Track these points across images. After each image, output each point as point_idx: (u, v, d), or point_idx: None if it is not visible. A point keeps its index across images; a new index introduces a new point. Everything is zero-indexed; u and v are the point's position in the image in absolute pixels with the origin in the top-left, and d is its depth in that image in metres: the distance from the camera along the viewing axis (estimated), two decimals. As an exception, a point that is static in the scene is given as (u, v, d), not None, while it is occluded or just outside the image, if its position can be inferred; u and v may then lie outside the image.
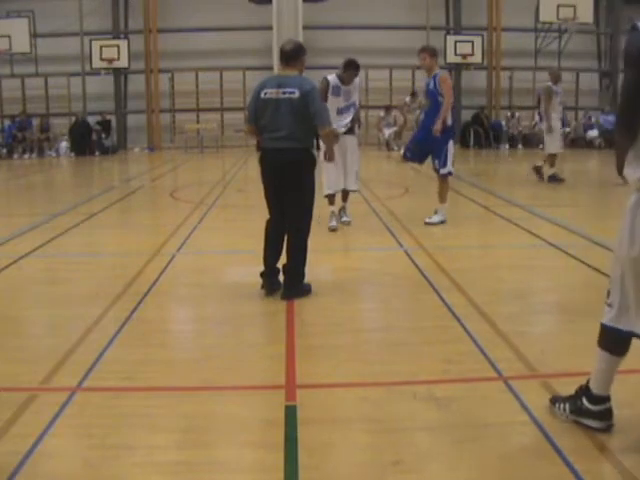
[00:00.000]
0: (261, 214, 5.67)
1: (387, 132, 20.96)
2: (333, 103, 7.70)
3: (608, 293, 3.02)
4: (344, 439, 3.13)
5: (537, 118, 21.91)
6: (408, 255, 6.67)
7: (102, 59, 22.03)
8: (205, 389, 3.72)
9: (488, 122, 22.01)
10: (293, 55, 5.37)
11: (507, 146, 21.72)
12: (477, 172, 15.76)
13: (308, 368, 3.93)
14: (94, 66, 22.08)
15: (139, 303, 5.18)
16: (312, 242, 5.56)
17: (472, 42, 22.58)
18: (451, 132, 8.37)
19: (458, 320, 4.69)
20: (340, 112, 7.87)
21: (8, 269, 6.34)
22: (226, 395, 3.66)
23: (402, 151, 8.79)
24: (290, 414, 3.32)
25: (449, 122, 8.17)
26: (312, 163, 5.42)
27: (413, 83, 22.89)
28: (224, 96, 22.79)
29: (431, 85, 8.26)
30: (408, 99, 21.34)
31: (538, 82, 22.64)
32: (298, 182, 5.28)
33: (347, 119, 7.96)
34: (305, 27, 21.37)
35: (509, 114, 22.22)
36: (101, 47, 21.98)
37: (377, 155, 19.97)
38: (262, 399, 3.62)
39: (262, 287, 5.40)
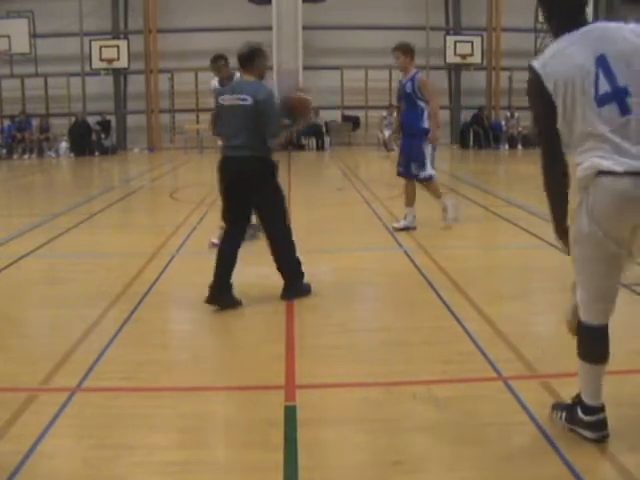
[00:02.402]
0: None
1: (387, 133, 20.97)
2: None
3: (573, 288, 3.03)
4: (344, 439, 3.13)
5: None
6: (408, 255, 6.67)
7: (102, 59, 22.04)
8: (205, 389, 3.72)
9: (488, 122, 22.02)
10: (247, 59, 5.11)
11: (507, 146, 21.73)
12: (477, 172, 15.76)
13: (308, 368, 3.93)
14: (94, 66, 22.09)
15: (139, 303, 5.18)
16: (311, 242, 5.56)
17: (472, 42, 22.59)
18: (420, 132, 7.74)
19: (458, 320, 4.69)
20: None
21: (8, 269, 6.34)
22: (226, 395, 3.66)
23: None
24: (290, 414, 3.32)
25: (426, 125, 7.72)
26: (271, 170, 5.16)
27: (413, 83, 22.90)
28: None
29: (408, 87, 7.70)
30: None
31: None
32: (261, 190, 5.05)
33: None
34: (305, 27, 21.37)
35: (508, 114, 22.22)
36: (101, 47, 21.99)
37: (377, 155, 19.98)
38: (262, 399, 3.62)
39: (205, 301, 5.06)
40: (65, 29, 21.55)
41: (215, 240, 7.24)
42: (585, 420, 2.99)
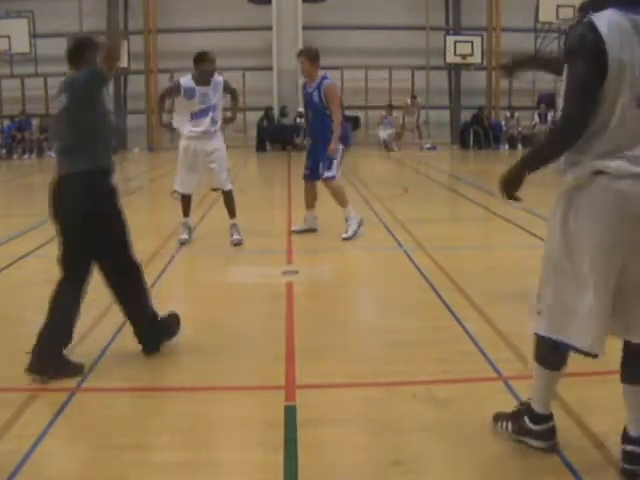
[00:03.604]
0: (262, 214, 5.66)
1: (385, 133, 20.96)
2: (186, 107, 7.03)
3: (538, 298, 2.85)
4: (344, 439, 3.13)
5: (537, 119, 21.98)
6: (408, 255, 6.67)
7: (102, 59, 22.04)
8: (205, 389, 3.72)
9: (488, 122, 22.02)
10: (74, 53, 4.10)
11: (507, 146, 21.73)
12: (477, 172, 15.76)
13: (308, 368, 3.93)
14: (94, 66, 22.09)
15: (139, 303, 5.17)
16: (311, 242, 5.55)
17: (472, 42, 22.61)
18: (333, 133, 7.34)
19: (458, 320, 4.69)
20: (195, 117, 7.05)
21: (8, 269, 6.34)
22: (226, 395, 3.66)
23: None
24: (290, 414, 3.32)
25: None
26: (102, 191, 4.05)
27: (413, 83, 22.95)
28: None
29: (315, 97, 7.31)
30: (409, 101, 21.46)
31: (538, 82, 22.69)
32: (89, 218, 3.99)
33: (204, 126, 7.09)
34: (305, 27, 21.41)
35: (508, 114, 22.23)
36: (101, 47, 21.99)
37: (377, 155, 19.98)
38: (262, 399, 3.62)
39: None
40: (65, 29, 21.53)
41: (237, 237, 7.23)
42: (534, 430, 2.93)
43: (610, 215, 2.63)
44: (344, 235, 7.42)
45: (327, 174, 7.52)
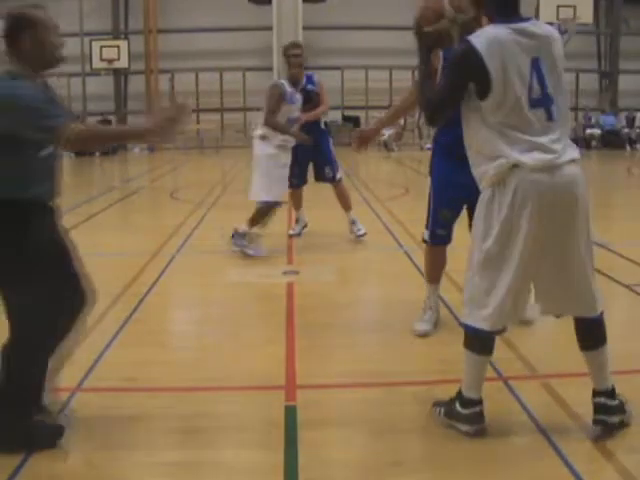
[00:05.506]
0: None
1: (386, 133, 20.97)
2: (286, 113, 6.50)
3: (465, 288, 3.09)
4: (344, 440, 3.13)
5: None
6: (408, 255, 6.66)
7: (102, 59, 22.07)
8: (205, 389, 3.72)
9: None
10: (5, 35, 2.97)
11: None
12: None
13: (308, 368, 3.93)
14: (94, 66, 22.11)
15: (139, 303, 5.18)
16: (312, 242, 5.55)
17: (472, 42, 22.61)
18: (327, 132, 7.46)
19: (458, 320, 4.68)
20: (291, 123, 6.60)
21: (8, 269, 6.33)
22: (226, 395, 3.66)
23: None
24: (290, 414, 3.32)
25: (322, 125, 7.29)
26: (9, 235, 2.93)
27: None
28: (224, 97, 22.84)
29: (309, 88, 7.09)
30: (410, 103, 21.44)
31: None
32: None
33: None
34: (305, 27, 21.39)
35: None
36: (101, 47, 22.03)
37: (377, 155, 19.98)
38: (262, 399, 3.62)
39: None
40: (65, 29, 21.19)
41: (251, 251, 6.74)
42: (463, 413, 3.06)
43: (528, 205, 2.81)
44: (359, 233, 7.30)
45: (339, 175, 7.45)
